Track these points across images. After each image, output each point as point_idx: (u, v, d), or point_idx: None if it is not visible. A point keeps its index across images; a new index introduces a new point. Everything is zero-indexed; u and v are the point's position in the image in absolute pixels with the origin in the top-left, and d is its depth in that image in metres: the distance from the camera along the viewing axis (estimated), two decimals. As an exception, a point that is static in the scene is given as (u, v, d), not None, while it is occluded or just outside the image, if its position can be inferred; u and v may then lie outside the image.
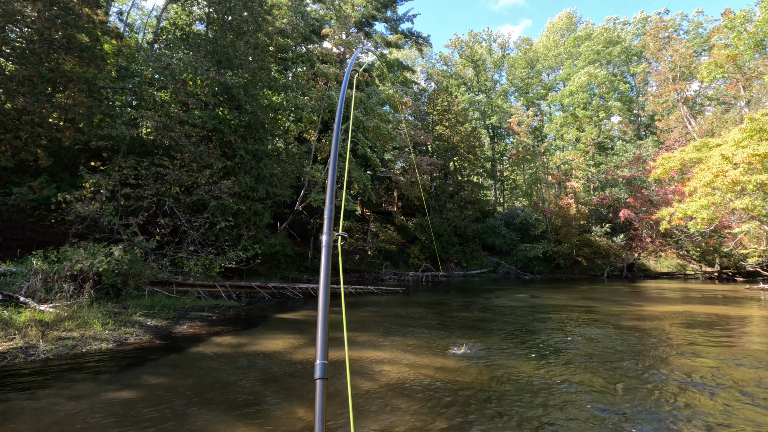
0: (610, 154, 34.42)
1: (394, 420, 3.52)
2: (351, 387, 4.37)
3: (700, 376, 4.90)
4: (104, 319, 6.91)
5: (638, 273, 28.90)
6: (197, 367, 5.06)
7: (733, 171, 12.73)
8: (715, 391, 4.37)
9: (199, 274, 12.16)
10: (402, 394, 4.18)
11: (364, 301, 12.93)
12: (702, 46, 32.41)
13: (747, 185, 12.36)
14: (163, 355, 5.58)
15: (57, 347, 5.42)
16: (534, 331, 7.73)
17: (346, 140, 20.54)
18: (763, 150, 12.10)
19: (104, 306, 7.75)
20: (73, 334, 5.96)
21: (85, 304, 7.44)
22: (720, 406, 3.92)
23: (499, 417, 3.62)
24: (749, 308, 11.68)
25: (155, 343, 6.28)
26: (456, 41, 39.30)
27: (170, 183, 12.23)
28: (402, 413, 3.67)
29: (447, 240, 29.18)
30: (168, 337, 6.73)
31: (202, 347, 6.09)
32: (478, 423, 3.49)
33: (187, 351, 5.86)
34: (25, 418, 3.45)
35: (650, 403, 3.99)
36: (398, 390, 4.30)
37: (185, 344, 6.26)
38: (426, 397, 4.08)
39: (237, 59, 15.63)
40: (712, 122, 24.22)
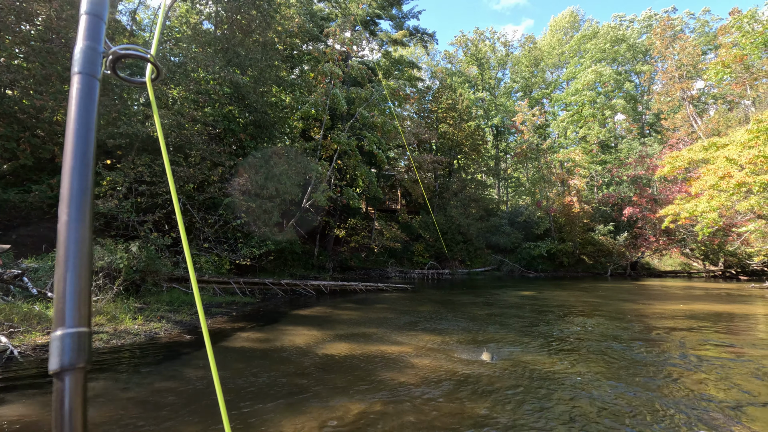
0: (614, 153, 34.58)
1: (430, 410, 3.67)
2: (384, 379, 4.52)
3: (718, 372, 5.06)
4: (131, 314, 7.06)
5: (642, 271, 29.10)
6: (232, 360, 5.20)
7: (738, 173, 12.88)
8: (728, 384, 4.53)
9: (211, 271, 12.31)
10: (434, 385, 4.33)
11: (375, 298, 13.08)
12: (708, 45, 32.52)
13: (753, 186, 12.52)
14: (196, 349, 5.72)
15: (94, 340, 5.57)
16: (548, 328, 7.89)
17: (351, 138, 20.63)
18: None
19: (127, 302, 7.89)
20: (106, 329, 6.10)
21: (110, 299, 7.58)
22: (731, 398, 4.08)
23: (534, 408, 3.77)
24: (757, 306, 11.85)
25: (185, 338, 6.43)
26: (461, 39, 39.38)
27: (184, 180, 12.36)
28: (437, 403, 3.82)
29: (451, 238, 29.34)
30: (195, 332, 6.88)
31: (231, 342, 6.24)
32: (511, 413, 3.65)
33: (218, 345, 6.01)
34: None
35: (672, 398, 4.14)
36: (430, 381, 4.44)
37: (214, 339, 6.40)
38: (457, 390, 4.23)
39: (246, 58, 15.73)
40: (718, 121, 24.38)
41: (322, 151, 21.73)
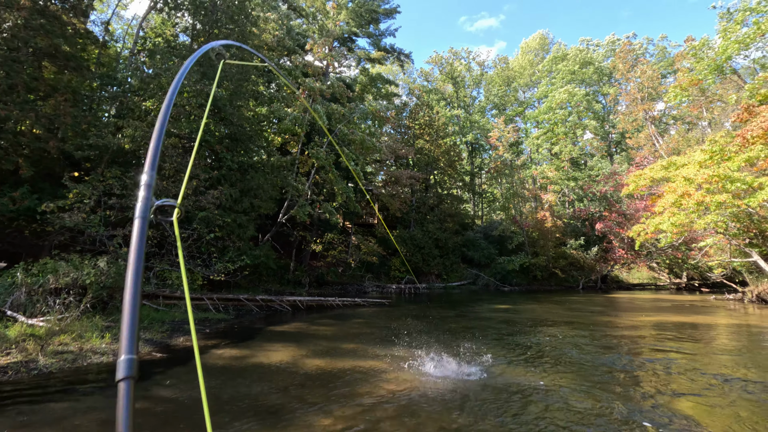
0: (583, 170, 35.88)
1: (408, 425, 3.66)
2: (360, 395, 4.48)
3: (681, 378, 5.25)
4: (98, 332, 6.75)
5: (612, 284, 30.00)
6: (205, 379, 5.04)
7: (696, 192, 13.60)
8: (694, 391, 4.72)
9: (181, 286, 11.95)
10: (410, 400, 4.32)
11: (352, 313, 12.97)
12: (668, 69, 34.53)
13: (710, 205, 13.23)
14: (168, 368, 5.52)
15: (58, 361, 5.29)
16: (521, 341, 8.01)
17: (330, 154, 20.67)
18: (722, 171, 13.03)
19: (93, 320, 7.55)
20: (71, 348, 5.81)
21: (75, 317, 7.24)
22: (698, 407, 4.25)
23: (504, 420, 3.81)
24: (717, 317, 12.39)
25: (156, 356, 6.18)
26: (437, 58, 40.40)
27: (156, 194, 12.04)
28: (415, 419, 3.82)
29: (428, 252, 29.52)
30: (167, 350, 6.64)
31: (205, 360, 6.05)
32: (488, 426, 3.68)
33: (191, 364, 5.81)
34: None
35: (639, 405, 4.28)
36: (406, 397, 4.43)
37: (186, 356, 6.19)
38: (434, 404, 4.23)
39: (222, 71, 15.63)
40: (678, 141, 25.77)
41: (300, 166, 21.66)
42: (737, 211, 15.75)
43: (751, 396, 4.55)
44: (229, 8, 15.92)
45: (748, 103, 13.93)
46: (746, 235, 17.53)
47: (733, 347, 7.58)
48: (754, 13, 16.26)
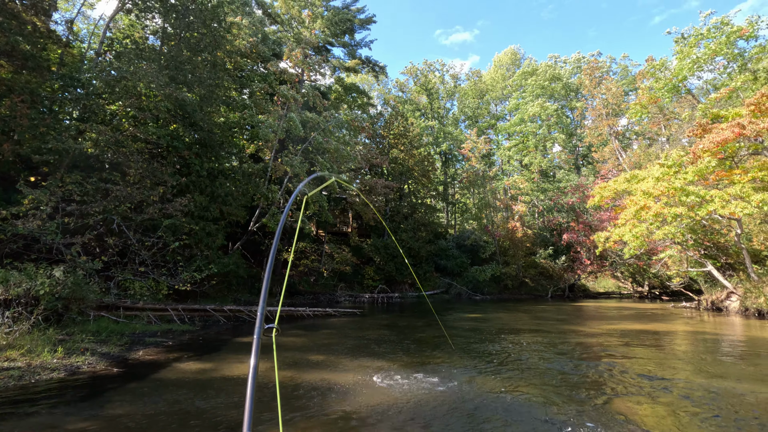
0: (553, 181, 37.02)
1: (377, 438, 3.64)
2: (327, 408, 4.42)
3: (637, 384, 5.44)
4: (50, 346, 6.40)
5: (579, 293, 30.87)
6: (165, 394, 4.85)
7: (654, 205, 14.30)
8: (653, 397, 4.90)
9: (146, 297, 11.51)
10: (377, 412, 4.29)
11: (323, 323, 12.82)
12: (629, 87, 36.28)
13: (667, 217, 13.91)
14: (124, 383, 5.27)
15: (2, 378, 4.97)
16: (490, 350, 8.12)
17: (304, 162, 20.53)
18: (678, 184, 13.77)
19: (45, 333, 7.15)
20: (18, 364, 5.47)
21: (25, 331, 6.84)
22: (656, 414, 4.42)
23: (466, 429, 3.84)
24: (675, 324, 12.95)
25: (112, 371, 5.90)
26: (411, 69, 40.99)
27: (119, 200, 11.62)
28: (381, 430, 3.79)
29: (401, 261, 29.59)
30: (124, 364, 6.35)
31: (165, 373, 5.82)
32: (456, 437, 3.70)
33: (150, 378, 5.58)
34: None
35: (594, 412, 4.40)
36: (373, 409, 4.40)
37: (146, 371, 5.94)
38: (400, 416, 4.22)
39: (193, 76, 15.34)
40: (639, 155, 27.04)
41: (272, 173, 21.39)
42: (693, 223, 16.61)
43: (688, 397, 4.76)
44: (202, 13, 15.68)
45: (702, 121, 14.78)
46: (701, 247, 18.49)
47: (684, 353, 7.92)
48: (705, 38, 17.38)
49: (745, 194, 12.17)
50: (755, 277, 15.05)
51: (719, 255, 18.91)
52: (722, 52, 16.59)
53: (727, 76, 16.65)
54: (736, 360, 7.26)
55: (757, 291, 14.26)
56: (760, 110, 13.46)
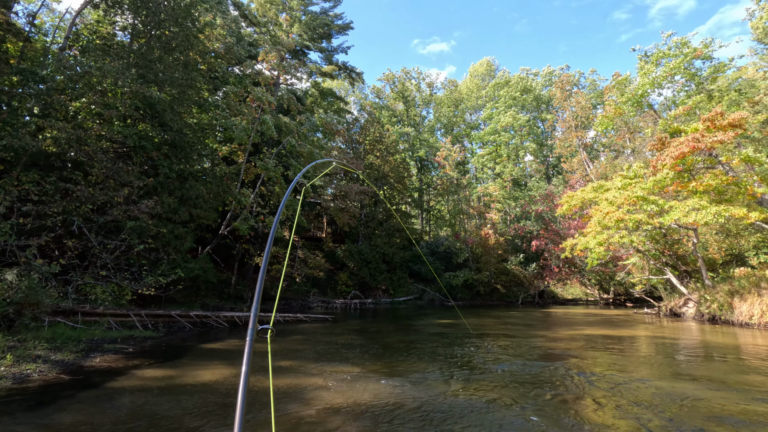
0: (524, 190, 37.95)
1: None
2: (291, 414, 4.35)
3: (589, 382, 5.62)
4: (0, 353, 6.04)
5: (548, 299, 31.62)
6: (120, 403, 4.65)
7: (617, 212, 14.91)
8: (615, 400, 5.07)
9: (108, 302, 11.05)
10: (339, 418, 4.26)
11: (293, 329, 12.64)
12: (597, 100, 37.75)
13: (628, 223, 14.52)
14: (77, 392, 5.03)
15: (-60, 388, 4.65)
16: (460, 356, 8.21)
17: (278, 165, 20.29)
18: (638, 193, 14.42)
19: (-6, 339, 6.75)
20: (-40, 373, 5.14)
21: (-29, 337, 6.45)
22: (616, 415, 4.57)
23: (438, 434, 3.87)
24: (638, 330, 13.45)
25: (64, 379, 5.62)
26: (389, 76, 41.31)
27: (81, 201, 11.16)
28: (346, 437, 3.77)
29: (375, 267, 29.57)
30: (79, 371, 6.06)
31: (122, 381, 5.59)
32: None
33: (105, 386, 5.34)
34: None
35: (559, 417, 4.52)
36: (335, 415, 4.37)
37: (101, 379, 5.68)
38: (363, 421, 4.20)
39: (164, 75, 14.96)
40: (606, 166, 28.12)
41: (245, 176, 21.03)
42: (654, 232, 17.36)
43: (642, 394, 4.96)
44: (174, 10, 15.34)
45: (661, 136, 15.53)
46: (662, 256, 19.35)
47: (642, 356, 8.23)
48: (666, 56, 18.31)
49: (702, 206, 12.84)
50: (710, 284, 15.83)
51: (678, 263, 19.82)
52: (680, 71, 17.51)
53: (685, 94, 17.57)
54: (688, 363, 7.61)
55: (711, 297, 14.99)
56: (715, 126, 14.26)
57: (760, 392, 5.33)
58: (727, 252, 21.64)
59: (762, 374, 6.45)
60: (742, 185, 13.40)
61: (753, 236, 20.63)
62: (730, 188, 14.13)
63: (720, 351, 8.80)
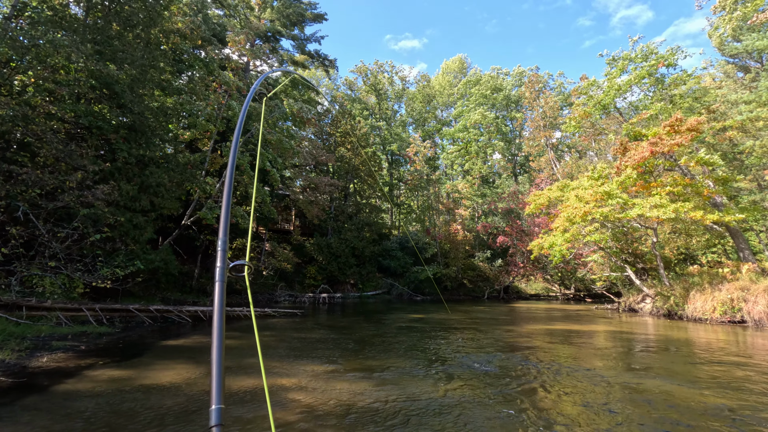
0: (492, 187, 38.62)
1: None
2: (264, 417, 4.06)
3: (550, 374, 5.65)
4: (-76, 354, 5.34)
5: (513, 294, 32.41)
6: (69, 408, 4.18)
7: (584, 206, 15.39)
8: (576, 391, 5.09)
9: (58, 295, 10.20)
10: (316, 420, 4.01)
11: (261, 324, 12.17)
12: (564, 102, 38.91)
13: (595, 215, 15.01)
14: (19, 397, 4.49)
15: None
16: (431, 350, 8.11)
17: (245, 153, 19.55)
18: (603, 190, 14.93)
19: None
20: None
21: None
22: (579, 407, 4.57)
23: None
24: (598, 325, 13.90)
25: (5, 382, 5.02)
26: (361, 68, 40.79)
27: (27, 184, 10.20)
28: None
29: (345, 261, 29.26)
30: (22, 373, 5.45)
31: (73, 384, 5.07)
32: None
33: (53, 390, 4.81)
34: None
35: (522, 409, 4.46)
36: (312, 416, 4.11)
37: (48, 381, 5.13)
38: (341, 422, 3.97)
39: (123, 53, 13.94)
40: (572, 166, 29.04)
41: (210, 165, 20.11)
42: (616, 231, 18.04)
43: (595, 383, 5.01)
44: (136, -16, 14.30)
45: (623, 140, 16.10)
46: (622, 254, 20.16)
47: (601, 349, 8.45)
48: (633, 61, 18.99)
49: (663, 204, 13.41)
50: (666, 281, 16.62)
51: (637, 261, 20.72)
52: (646, 77, 18.20)
53: (649, 99, 18.31)
54: (646, 355, 7.85)
55: (667, 293, 15.73)
56: (675, 131, 14.91)
57: (706, 382, 5.52)
58: (680, 251, 22.89)
59: (711, 365, 6.71)
60: (698, 185, 14.11)
61: (703, 237, 21.92)
62: (686, 189, 14.87)
63: (675, 344, 9.17)
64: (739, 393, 5.11)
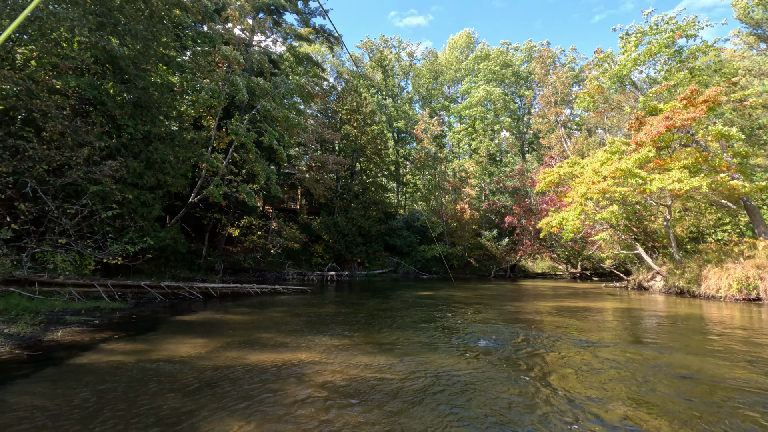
0: (499, 165, 38.12)
1: (342, 420, 3.28)
2: (285, 391, 3.99)
3: (563, 349, 5.56)
4: (-60, 327, 5.32)
5: (519, 273, 32.40)
6: (88, 380, 4.14)
7: (602, 183, 15.04)
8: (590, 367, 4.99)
9: (69, 271, 10.20)
10: (339, 395, 3.94)
11: (272, 300, 12.18)
12: (575, 79, 37.94)
13: (614, 194, 14.69)
14: (37, 369, 4.46)
15: None
16: (445, 325, 8.04)
17: (251, 131, 19.26)
18: (624, 166, 14.54)
19: (-64, 311, 5.99)
20: None
21: None
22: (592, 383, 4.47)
23: (432, 407, 3.61)
24: (606, 302, 13.81)
25: (21, 355, 5.00)
26: (367, 43, 39.83)
27: (34, 160, 10.07)
28: (347, 414, 3.44)
29: (351, 240, 29.25)
30: (38, 346, 5.43)
31: (89, 357, 5.04)
32: (416, 415, 3.43)
33: (70, 362, 4.78)
34: None
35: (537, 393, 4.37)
36: (334, 391, 4.04)
37: (65, 354, 5.11)
38: (366, 396, 3.90)
39: (126, 26, 13.57)
40: (583, 143, 28.48)
41: (216, 143, 19.87)
42: (628, 209, 17.74)
43: (601, 358, 4.92)
44: (137, -47, 13.80)
45: (639, 114, 15.62)
46: (632, 232, 19.92)
47: (610, 323, 8.36)
48: (647, 35, 18.28)
49: (683, 178, 13.09)
50: (678, 259, 16.42)
51: (646, 239, 20.49)
52: (663, 50, 17.53)
53: (666, 72, 17.66)
54: (661, 331, 7.74)
55: (680, 271, 15.56)
56: (691, 103, 14.43)
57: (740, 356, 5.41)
58: (689, 230, 22.62)
59: (731, 340, 6.59)
60: (717, 159, 13.74)
61: (713, 215, 21.60)
62: (703, 165, 14.49)
63: (696, 320, 9.05)
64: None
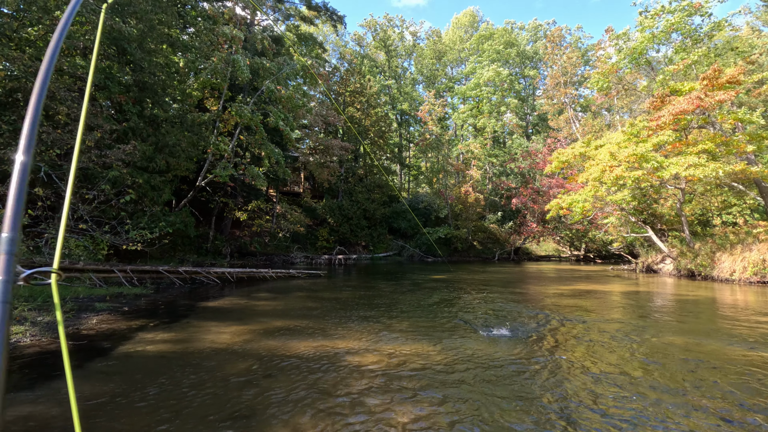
0: (502, 148, 37.84)
1: (414, 409, 3.24)
2: (344, 381, 3.94)
3: (575, 326, 5.56)
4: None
5: (523, 256, 32.56)
6: (142, 371, 4.08)
7: (617, 168, 14.89)
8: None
9: (83, 257, 10.09)
10: (399, 383, 3.90)
11: (288, 285, 12.15)
12: (581, 59, 37.38)
13: (627, 180, 14.59)
14: (87, 360, 4.39)
15: None
16: (478, 310, 8.02)
17: (256, 113, 18.89)
18: (640, 151, 14.39)
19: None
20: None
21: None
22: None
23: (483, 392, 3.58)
24: (613, 285, 13.87)
25: (64, 345, 4.94)
26: (371, 22, 38.93)
27: (46, 144, 9.83)
28: (419, 402, 3.40)
29: (356, 223, 29.18)
30: (77, 335, 5.36)
31: (133, 346, 4.97)
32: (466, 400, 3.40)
33: (116, 353, 4.71)
34: None
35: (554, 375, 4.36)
36: (393, 379, 4.00)
37: (107, 343, 5.04)
38: (426, 384, 3.86)
39: (130, 6, 13.13)
40: (592, 125, 28.23)
41: (221, 125, 19.52)
42: (638, 192, 17.67)
43: (615, 339, 4.92)
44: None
45: (663, 92, 15.37)
46: (641, 215, 19.91)
47: (619, 303, 8.39)
48: (666, 12, 17.87)
49: (700, 163, 12.99)
50: (690, 241, 16.47)
51: (655, 222, 20.51)
52: (679, 27, 17.18)
53: (683, 51, 17.32)
54: (681, 314, 7.78)
55: (691, 254, 15.62)
56: (713, 84, 14.20)
57: None
58: (696, 213, 22.67)
59: (741, 323, 6.62)
60: (735, 142, 13.62)
61: (719, 198, 21.59)
62: (720, 148, 14.37)
63: (715, 304, 9.10)
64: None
